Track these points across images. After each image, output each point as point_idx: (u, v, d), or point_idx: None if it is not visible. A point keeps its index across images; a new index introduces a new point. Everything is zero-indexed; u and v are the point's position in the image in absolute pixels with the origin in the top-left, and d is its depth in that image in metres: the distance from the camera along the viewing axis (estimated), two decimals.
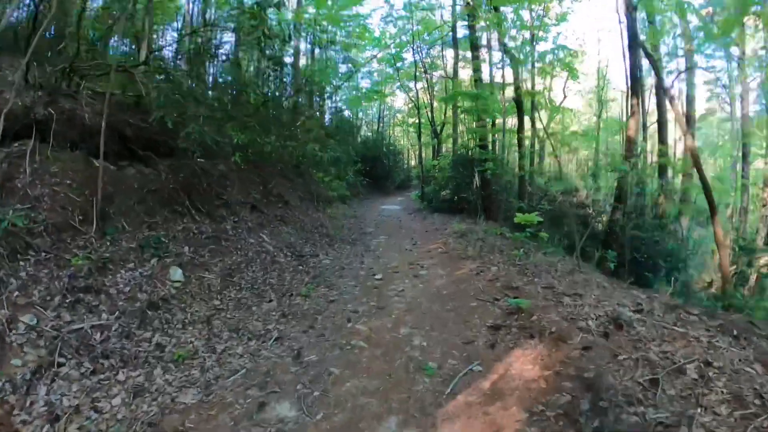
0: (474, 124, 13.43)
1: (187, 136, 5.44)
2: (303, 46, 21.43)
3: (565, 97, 21.77)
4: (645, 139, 16.17)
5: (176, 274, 5.89)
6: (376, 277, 6.26)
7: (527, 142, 17.20)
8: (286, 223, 9.39)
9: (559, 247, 8.66)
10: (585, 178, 9.89)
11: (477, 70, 13.85)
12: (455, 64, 18.58)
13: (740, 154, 16.47)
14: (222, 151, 6.74)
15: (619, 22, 16.95)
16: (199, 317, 5.22)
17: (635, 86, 11.72)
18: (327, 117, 21.50)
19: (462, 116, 17.13)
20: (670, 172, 13.56)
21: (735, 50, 15.35)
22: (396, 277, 6.31)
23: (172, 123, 5.32)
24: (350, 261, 7.59)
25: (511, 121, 18.52)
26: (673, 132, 18.13)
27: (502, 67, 15.16)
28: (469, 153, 13.83)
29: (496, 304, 4.98)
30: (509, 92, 19.63)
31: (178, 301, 5.43)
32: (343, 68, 22.65)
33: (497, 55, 22.08)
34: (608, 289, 5.97)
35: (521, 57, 14.89)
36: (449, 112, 20.29)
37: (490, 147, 14.06)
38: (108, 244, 5.75)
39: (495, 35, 20.19)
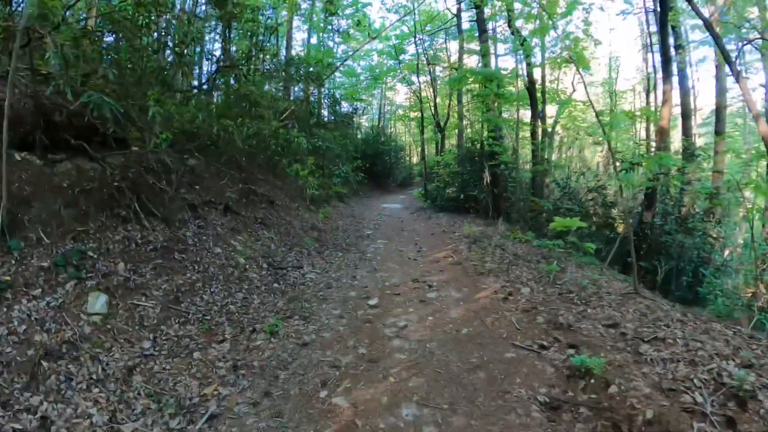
0: (483, 115, 11.50)
1: (90, 108, 3.67)
2: (299, 36, 19.66)
3: (574, 90, 19.98)
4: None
5: (98, 302, 4.15)
6: (370, 302, 4.47)
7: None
8: (267, 226, 7.62)
9: (591, 255, 6.85)
10: (612, 175, 8.11)
11: (485, 55, 11.98)
12: (460, 51, 16.72)
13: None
14: (149, 129, 4.97)
15: (644, 5, 15.15)
16: (115, 370, 3.47)
17: (667, 69, 9.85)
18: (325, 112, 19.76)
19: (468, 107, 15.25)
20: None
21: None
22: (396, 302, 4.52)
23: (72, 92, 3.55)
24: (340, 275, 5.81)
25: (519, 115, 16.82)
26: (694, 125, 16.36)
27: (515, 54, 13.27)
28: (478, 146, 11.98)
29: (544, 357, 3.20)
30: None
31: (91, 344, 3.69)
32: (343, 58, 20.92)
33: (502, 48, 20.40)
34: (687, 324, 4.18)
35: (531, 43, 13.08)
36: (454, 101, 18.43)
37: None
38: (13, 262, 4.03)
39: (500, 23, 18.45)
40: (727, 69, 14.48)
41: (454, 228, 9.49)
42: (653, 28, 22.19)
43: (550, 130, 19.04)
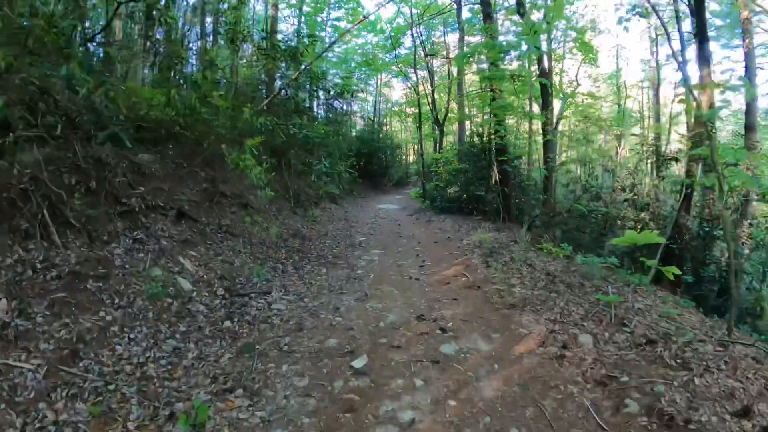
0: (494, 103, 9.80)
1: None
2: (289, 29, 18.00)
3: (578, 84, 18.44)
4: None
5: None
6: (356, 363, 2.84)
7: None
8: (235, 236, 6.01)
9: (634, 272, 5.29)
10: (644, 171, 6.68)
11: (492, 38, 10.36)
12: (460, 42, 15.13)
13: None
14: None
15: None
16: None
17: (704, 51, 8.30)
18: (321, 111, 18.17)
19: (471, 97, 13.67)
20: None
21: None
22: (395, 364, 2.88)
23: None
24: (319, 306, 4.21)
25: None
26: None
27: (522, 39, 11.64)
28: (484, 140, 10.40)
29: None
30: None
31: None
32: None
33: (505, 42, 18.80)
34: None
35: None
36: (453, 93, 16.84)
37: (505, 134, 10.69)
38: None
39: (501, 15, 16.88)
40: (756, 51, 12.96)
41: (461, 234, 7.92)
42: (658, 22, 20.74)
43: (553, 127, 17.60)
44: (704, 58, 8.26)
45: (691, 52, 13.72)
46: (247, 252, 5.75)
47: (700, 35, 8.31)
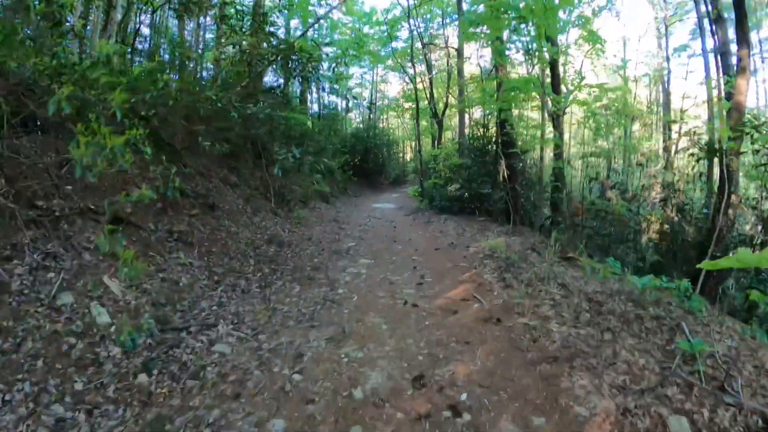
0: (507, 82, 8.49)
1: None
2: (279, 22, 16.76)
3: (583, 77, 17.28)
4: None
5: None
6: None
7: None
8: (189, 245, 4.81)
9: (691, 294, 4.11)
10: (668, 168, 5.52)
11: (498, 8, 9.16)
12: (461, 36, 13.91)
13: None
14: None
15: None
16: None
17: (743, 28, 7.12)
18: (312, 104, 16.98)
19: (472, 88, 12.49)
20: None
21: None
22: None
23: None
24: (275, 348, 3.01)
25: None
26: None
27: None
28: (487, 132, 9.21)
29: None
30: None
31: None
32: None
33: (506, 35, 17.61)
34: None
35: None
36: (453, 83, 15.65)
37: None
38: None
39: None
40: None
41: (465, 239, 6.74)
42: (667, 13, 19.55)
43: (562, 117, 16.41)
44: (743, 38, 7.09)
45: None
46: (202, 266, 4.56)
47: (738, 13, 7.14)
